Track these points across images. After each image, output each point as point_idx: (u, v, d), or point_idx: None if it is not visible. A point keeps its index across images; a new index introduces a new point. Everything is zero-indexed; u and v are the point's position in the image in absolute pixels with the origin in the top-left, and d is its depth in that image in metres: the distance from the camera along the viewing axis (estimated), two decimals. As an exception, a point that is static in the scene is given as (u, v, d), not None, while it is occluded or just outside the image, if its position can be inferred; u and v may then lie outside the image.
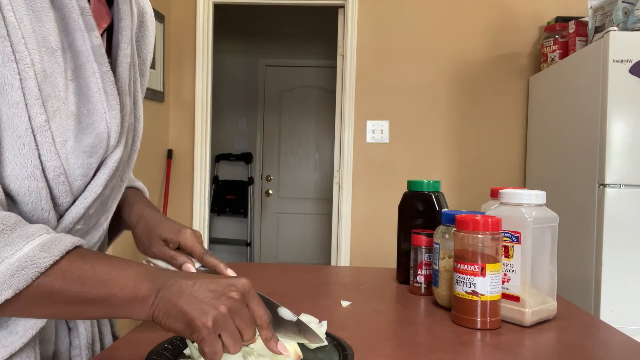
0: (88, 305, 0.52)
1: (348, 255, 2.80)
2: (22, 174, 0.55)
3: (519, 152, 2.76)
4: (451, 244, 0.86)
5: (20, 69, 0.54)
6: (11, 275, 0.49)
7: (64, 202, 0.60)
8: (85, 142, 0.59)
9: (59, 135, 0.57)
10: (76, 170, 0.60)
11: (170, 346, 0.62)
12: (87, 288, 0.51)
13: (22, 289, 0.49)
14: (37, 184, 0.56)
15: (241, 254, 4.59)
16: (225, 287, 0.53)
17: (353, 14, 2.78)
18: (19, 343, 0.58)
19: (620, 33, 1.83)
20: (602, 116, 1.84)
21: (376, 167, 2.79)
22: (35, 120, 0.55)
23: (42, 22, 0.56)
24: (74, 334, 0.68)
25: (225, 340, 0.51)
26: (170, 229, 0.74)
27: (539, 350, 0.70)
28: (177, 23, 2.90)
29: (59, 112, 0.57)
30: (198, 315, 0.50)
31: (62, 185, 0.59)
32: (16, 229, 0.51)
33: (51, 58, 0.56)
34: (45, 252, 0.50)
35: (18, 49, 0.53)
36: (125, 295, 0.52)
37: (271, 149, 4.62)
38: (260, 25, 4.51)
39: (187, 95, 2.92)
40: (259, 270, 1.18)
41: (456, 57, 2.77)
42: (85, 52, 0.60)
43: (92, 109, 0.60)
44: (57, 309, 0.53)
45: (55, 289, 0.51)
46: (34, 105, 0.55)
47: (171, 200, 2.90)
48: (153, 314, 0.52)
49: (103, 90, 0.61)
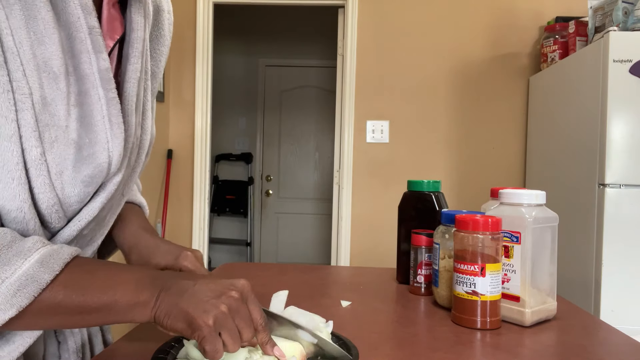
0: (90, 314, 0.52)
1: (348, 255, 2.80)
2: (10, 206, 0.52)
3: (519, 152, 2.75)
4: (451, 244, 0.86)
5: (17, 99, 0.50)
6: (13, 295, 0.48)
7: (57, 226, 0.58)
8: (84, 172, 0.57)
9: (55, 167, 0.54)
10: (71, 199, 0.57)
11: (177, 344, 0.62)
12: (88, 298, 0.51)
13: (25, 307, 0.49)
14: (25, 216, 0.53)
15: (241, 254, 4.59)
16: (225, 287, 0.53)
17: (353, 14, 2.78)
18: (16, 352, 0.57)
19: (620, 33, 1.83)
20: (602, 116, 1.84)
21: (376, 167, 2.79)
22: (30, 153, 0.52)
23: (44, 45, 0.52)
24: (63, 347, 0.67)
25: (225, 338, 0.51)
26: (168, 256, 0.71)
27: (539, 350, 0.70)
28: (177, 23, 2.90)
29: (57, 141, 0.54)
30: (199, 314, 0.50)
31: (55, 214, 0.57)
32: (12, 246, 0.50)
33: (52, 84, 0.53)
34: (44, 267, 0.50)
35: (16, 77, 0.50)
36: (127, 301, 0.52)
37: (271, 149, 4.62)
38: (260, 25, 4.51)
39: (187, 95, 2.92)
40: (259, 270, 1.18)
41: (456, 57, 2.77)
42: (92, 76, 0.56)
43: (94, 139, 0.57)
44: (59, 320, 0.53)
45: (57, 302, 0.50)
46: (29, 138, 0.51)
47: (171, 200, 2.90)
48: (155, 315, 0.52)
49: (107, 117, 0.58)
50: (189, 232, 2.92)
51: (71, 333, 0.67)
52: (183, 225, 2.93)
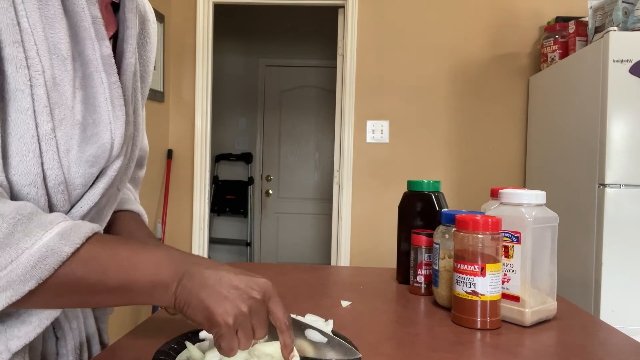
0: (110, 293, 0.52)
1: (348, 255, 2.80)
2: (24, 180, 0.54)
3: (519, 152, 2.76)
4: (451, 244, 0.86)
5: (32, 75, 0.53)
6: (33, 266, 0.48)
7: (61, 210, 0.60)
8: (89, 152, 0.59)
9: (63, 144, 0.57)
10: (77, 180, 0.59)
11: (177, 346, 0.62)
12: (108, 276, 0.51)
13: (44, 279, 0.49)
14: (37, 192, 0.55)
15: (241, 254, 4.59)
16: (249, 286, 0.53)
17: (353, 14, 2.78)
18: (34, 333, 0.57)
19: (620, 33, 1.83)
20: (602, 116, 1.84)
21: (376, 167, 2.79)
22: (42, 128, 0.54)
23: (54, 30, 0.55)
24: (61, 343, 0.67)
25: (240, 337, 0.51)
26: None
27: (539, 350, 0.70)
28: (177, 23, 2.90)
29: (65, 120, 0.56)
30: (220, 311, 0.50)
31: (60, 194, 0.58)
32: (33, 218, 0.50)
33: (61, 66, 0.56)
34: (65, 240, 0.50)
35: (30, 55, 0.53)
36: (147, 281, 0.52)
37: (271, 149, 4.62)
38: (260, 25, 4.51)
39: (187, 95, 2.92)
40: (259, 270, 1.18)
41: (456, 57, 2.77)
42: (95, 62, 0.59)
43: (98, 119, 0.60)
44: (78, 298, 0.52)
45: (77, 277, 0.50)
46: (41, 112, 0.54)
47: (171, 200, 2.90)
48: (175, 301, 0.52)
49: (110, 100, 0.61)
50: (189, 232, 2.92)
51: (70, 330, 0.67)
52: (183, 225, 2.93)
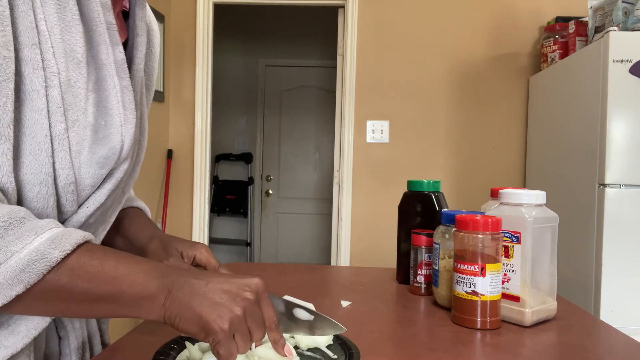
0: (95, 303, 0.51)
1: (348, 255, 2.80)
2: (35, 179, 0.55)
3: (519, 152, 2.75)
4: (451, 244, 0.86)
5: (47, 76, 0.54)
6: (21, 270, 0.48)
7: (69, 210, 0.60)
8: (99, 153, 0.60)
9: (75, 145, 0.58)
10: (86, 180, 0.60)
11: (177, 346, 0.62)
12: (94, 285, 0.50)
13: (32, 284, 0.48)
14: (47, 191, 0.56)
15: (241, 254, 4.59)
16: (240, 288, 0.52)
17: (353, 14, 2.78)
18: (21, 344, 0.57)
19: (620, 33, 1.83)
20: (602, 116, 1.84)
21: (376, 167, 2.79)
22: (55, 128, 0.55)
23: (71, 33, 0.57)
24: (64, 343, 0.67)
25: (237, 341, 0.50)
26: (185, 245, 0.76)
27: (539, 350, 0.70)
28: (177, 23, 2.90)
29: (77, 122, 0.58)
30: (214, 318, 0.49)
31: (70, 194, 0.59)
32: (25, 222, 0.50)
33: (76, 68, 0.57)
34: (55, 245, 0.50)
35: (46, 57, 0.55)
36: (134, 293, 0.51)
37: (271, 149, 4.62)
38: (260, 25, 4.51)
39: (187, 95, 2.92)
40: (259, 270, 1.18)
41: (456, 57, 2.77)
42: (108, 66, 0.61)
43: (109, 122, 0.61)
44: (64, 306, 0.52)
45: (61, 284, 0.50)
46: (55, 113, 0.55)
47: (171, 200, 2.90)
48: (164, 314, 0.51)
49: (122, 103, 0.62)
50: (189, 232, 2.92)
51: (72, 329, 0.67)
52: (183, 225, 2.93)
